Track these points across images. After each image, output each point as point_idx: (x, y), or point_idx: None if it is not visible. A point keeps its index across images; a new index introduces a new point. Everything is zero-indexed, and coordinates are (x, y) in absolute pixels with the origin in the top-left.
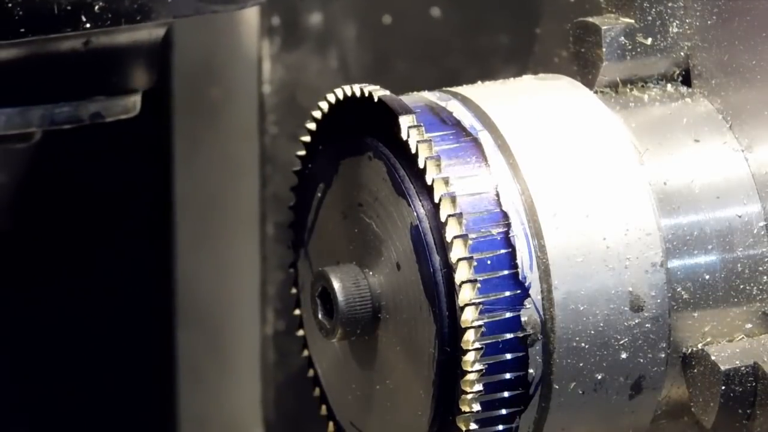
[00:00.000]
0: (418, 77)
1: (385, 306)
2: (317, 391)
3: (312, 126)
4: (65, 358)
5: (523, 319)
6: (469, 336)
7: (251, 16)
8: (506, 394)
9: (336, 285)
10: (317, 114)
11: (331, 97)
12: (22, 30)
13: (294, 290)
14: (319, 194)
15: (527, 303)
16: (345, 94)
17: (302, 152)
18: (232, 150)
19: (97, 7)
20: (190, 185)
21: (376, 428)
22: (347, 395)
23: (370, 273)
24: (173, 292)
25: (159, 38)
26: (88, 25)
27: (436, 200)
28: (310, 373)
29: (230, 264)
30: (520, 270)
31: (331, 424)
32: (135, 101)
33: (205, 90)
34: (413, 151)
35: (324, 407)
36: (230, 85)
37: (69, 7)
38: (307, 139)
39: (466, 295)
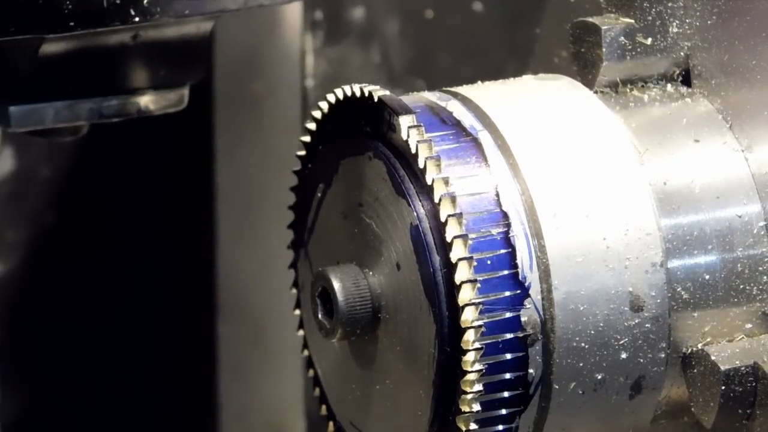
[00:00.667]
0: (460, 71)
1: (385, 306)
2: (317, 391)
3: (312, 126)
4: (106, 351)
5: (523, 319)
6: (469, 336)
7: (294, 10)
8: (506, 394)
9: (336, 285)
10: (317, 114)
11: (331, 97)
12: (72, 24)
13: (294, 290)
14: (319, 194)
15: (527, 303)
16: (345, 94)
17: (302, 152)
18: (275, 144)
19: (145, 1)
20: (232, 179)
21: (376, 428)
22: (347, 395)
23: (370, 273)
24: (215, 285)
25: (207, 32)
26: (136, 19)
27: (436, 200)
28: (310, 373)
29: (272, 257)
30: (520, 270)
31: (331, 424)
32: (182, 95)
33: (247, 84)
34: (413, 151)
35: (324, 407)
36: (273, 79)
37: (118, 1)
38: (307, 139)
39: (466, 295)
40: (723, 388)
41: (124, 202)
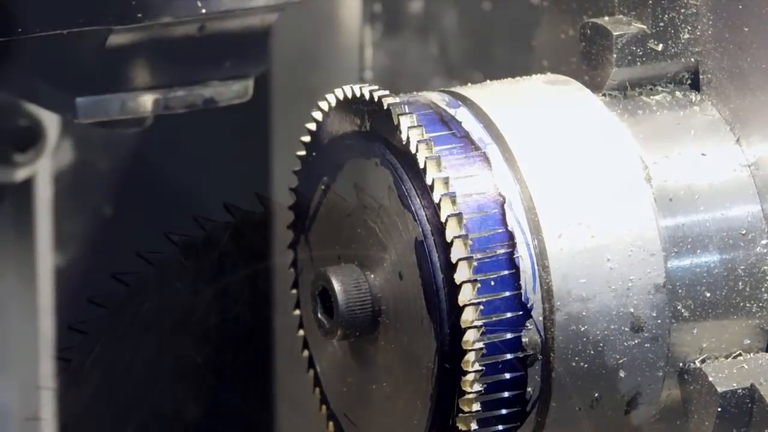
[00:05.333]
0: (517, 63)
1: (386, 311)
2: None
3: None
4: None
5: (524, 340)
6: (470, 357)
7: (354, 2)
8: (504, 411)
9: (337, 287)
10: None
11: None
12: (139, 15)
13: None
14: (323, 186)
15: (529, 324)
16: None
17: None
18: None
19: None
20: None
21: (375, 428)
22: (345, 391)
23: (371, 275)
24: None
25: (271, 24)
26: (203, 11)
27: (443, 219)
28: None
29: None
30: (523, 291)
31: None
32: (247, 86)
33: (306, 76)
34: (422, 165)
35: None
36: (331, 71)
37: None
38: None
39: (468, 316)
40: (719, 409)
41: (179, 195)
